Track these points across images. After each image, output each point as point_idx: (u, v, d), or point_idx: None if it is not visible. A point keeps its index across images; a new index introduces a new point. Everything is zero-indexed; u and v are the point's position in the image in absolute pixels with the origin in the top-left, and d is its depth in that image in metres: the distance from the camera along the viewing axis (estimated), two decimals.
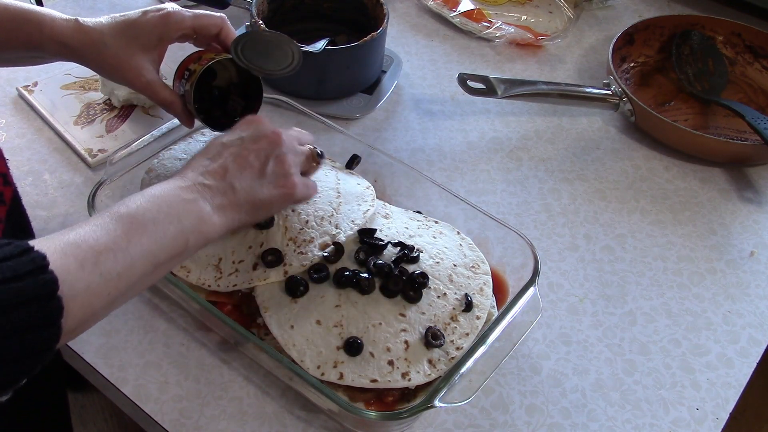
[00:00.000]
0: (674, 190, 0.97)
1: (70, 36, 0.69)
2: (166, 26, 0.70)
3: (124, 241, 0.52)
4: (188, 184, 0.60)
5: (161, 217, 0.56)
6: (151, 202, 0.57)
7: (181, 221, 0.57)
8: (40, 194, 0.87)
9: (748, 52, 1.16)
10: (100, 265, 0.50)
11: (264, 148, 0.64)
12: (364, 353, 0.64)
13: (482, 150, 1.00)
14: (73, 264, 0.48)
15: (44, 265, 0.46)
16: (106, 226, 0.52)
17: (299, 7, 1.09)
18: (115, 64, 0.70)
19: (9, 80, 1.01)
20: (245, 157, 0.63)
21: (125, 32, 0.69)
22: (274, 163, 0.64)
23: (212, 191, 0.60)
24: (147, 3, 1.18)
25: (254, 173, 0.63)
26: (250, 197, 0.62)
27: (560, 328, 0.80)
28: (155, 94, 0.72)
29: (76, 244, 0.50)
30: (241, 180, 0.62)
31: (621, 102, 1.02)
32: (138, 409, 0.69)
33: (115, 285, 0.51)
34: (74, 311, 0.47)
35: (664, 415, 0.73)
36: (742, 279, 0.87)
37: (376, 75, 1.06)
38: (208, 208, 0.59)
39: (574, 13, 1.23)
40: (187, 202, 0.58)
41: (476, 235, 0.78)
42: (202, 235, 0.59)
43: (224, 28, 0.73)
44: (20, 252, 0.46)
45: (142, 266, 0.54)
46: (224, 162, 0.62)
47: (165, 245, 0.56)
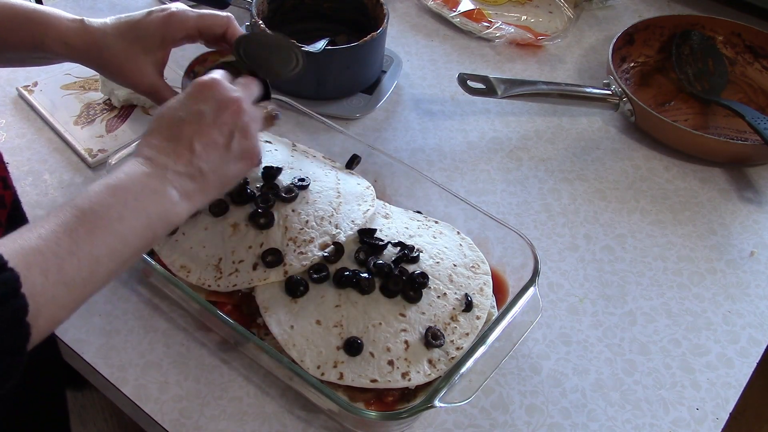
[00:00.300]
0: (674, 190, 0.97)
1: (74, 37, 0.68)
2: (169, 27, 0.69)
3: (88, 243, 0.50)
4: (154, 171, 0.57)
5: (127, 212, 0.53)
6: (116, 196, 0.54)
7: (149, 214, 0.55)
8: (40, 194, 0.87)
9: (748, 52, 1.16)
10: (64, 272, 0.48)
11: (227, 122, 0.60)
12: (364, 353, 0.64)
13: (482, 150, 1.00)
14: (37, 276, 0.46)
15: (16, 288, 0.44)
16: (68, 226, 0.50)
17: (299, 7, 1.09)
18: (117, 66, 0.69)
19: (9, 80, 1.01)
20: (209, 135, 0.59)
21: (128, 34, 0.68)
22: (240, 137, 0.61)
23: (180, 177, 0.57)
24: (147, 3, 1.18)
25: (220, 151, 0.60)
26: (219, 177, 0.60)
27: (560, 328, 0.80)
28: (157, 97, 0.71)
29: (39, 250, 0.47)
30: (208, 161, 0.59)
31: (621, 102, 1.02)
32: (138, 409, 0.69)
33: (81, 291, 0.49)
34: (40, 325, 0.46)
35: (664, 415, 0.73)
36: (742, 279, 0.87)
37: (376, 75, 1.06)
38: (176, 196, 0.57)
39: (574, 13, 1.23)
40: (154, 193, 0.56)
41: (476, 235, 0.78)
42: (169, 223, 0.57)
43: (230, 28, 0.71)
44: None
45: (108, 266, 0.51)
46: (189, 142, 0.58)
47: (131, 242, 0.53)
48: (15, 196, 0.65)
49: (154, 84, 0.70)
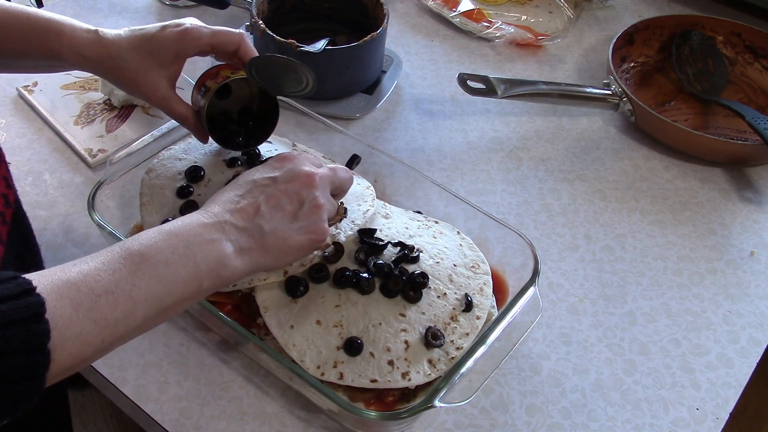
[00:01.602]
0: (674, 190, 0.97)
1: (88, 48, 0.68)
2: (182, 43, 0.69)
3: (128, 283, 0.49)
4: (212, 221, 0.56)
5: (175, 258, 0.52)
6: (167, 240, 0.53)
7: (197, 264, 0.53)
8: (40, 194, 0.87)
9: (748, 52, 1.16)
10: (96, 310, 0.47)
11: (297, 190, 0.60)
12: (364, 353, 0.64)
13: (482, 150, 1.00)
14: (67, 308, 0.45)
15: (40, 313, 0.43)
16: (112, 265, 0.49)
17: (299, 7, 1.09)
18: (130, 78, 0.69)
19: (9, 80, 1.01)
20: (278, 198, 0.59)
21: (142, 47, 0.69)
22: (309, 209, 0.60)
23: (238, 231, 0.57)
24: (147, 2, 1.18)
25: (286, 217, 0.59)
26: (279, 242, 0.58)
27: (560, 328, 0.80)
28: (169, 110, 0.72)
29: (76, 285, 0.47)
30: (271, 222, 0.58)
31: (621, 102, 1.02)
32: (138, 409, 0.69)
33: (111, 332, 0.48)
34: (62, 357, 0.45)
35: (664, 415, 0.73)
36: (742, 279, 0.87)
37: (376, 75, 1.06)
38: (230, 249, 0.56)
39: (574, 13, 1.23)
40: (207, 243, 0.54)
41: (476, 235, 0.78)
42: (220, 279, 0.55)
43: (242, 46, 0.71)
44: (19, 293, 0.43)
45: (145, 312, 0.50)
46: (255, 201, 0.59)
47: (174, 290, 0.52)
48: (16, 195, 0.66)
49: (166, 96, 0.71)
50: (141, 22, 1.14)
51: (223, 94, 0.74)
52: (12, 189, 0.64)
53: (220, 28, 0.71)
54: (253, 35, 1.01)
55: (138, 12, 1.16)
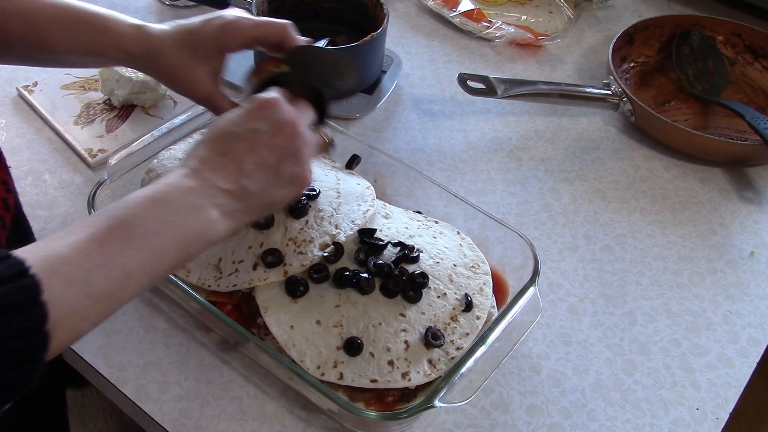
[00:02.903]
0: (674, 190, 0.97)
1: (132, 44, 0.67)
2: (225, 37, 0.66)
3: (120, 256, 0.48)
4: (198, 185, 0.55)
5: (164, 228, 0.51)
6: (154, 208, 0.52)
7: (187, 232, 0.53)
8: (40, 194, 0.87)
9: (748, 52, 1.16)
10: (90, 284, 0.46)
11: (281, 143, 0.58)
12: (364, 353, 0.64)
13: (482, 150, 1.00)
14: (60, 284, 0.45)
15: (36, 296, 0.43)
16: (100, 236, 0.48)
17: (299, 7, 1.09)
18: (172, 74, 0.68)
19: (9, 80, 1.01)
20: (261, 155, 0.57)
21: (184, 42, 0.66)
22: (292, 162, 0.58)
23: (224, 195, 0.55)
24: (147, 2, 1.18)
25: (270, 173, 0.57)
26: (264, 200, 0.58)
27: (560, 328, 0.80)
28: (214, 107, 0.69)
29: (67, 259, 0.46)
30: (256, 181, 0.57)
31: (621, 102, 1.02)
32: (138, 409, 0.69)
33: (106, 304, 0.48)
34: (60, 335, 0.44)
35: (664, 415, 0.73)
36: (742, 279, 0.87)
37: (376, 75, 1.06)
38: (216, 214, 0.55)
39: (574, 13, 1.23)
40: (195, 209, 0.53)
41: (476, 235, 0.78)
42: (206, 242, 0.55)
43: (287, 37, 0.67)
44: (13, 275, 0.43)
45: (137, 282, 0.50)
46: (238, 159, 0.56)
47: (165, 258, 0.52)
48: (17, 198, 0.65)
49: (210, 93, 0.68)
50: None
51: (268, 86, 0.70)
52: (12, 193, 0.63)
53: (264, 19, 0.67)
54: None
55: (138, 12, 1.16)
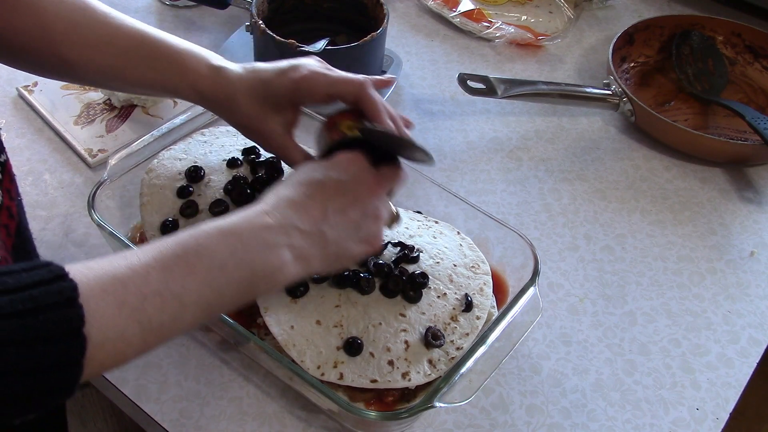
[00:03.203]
0: (674, 190, 0.97)
1: (207, 88, 0.66)
2: (299, 92, 0.65)
3: (179, 285, 0.47)
4: (277, 224, 0.53)
5: (232, 262, 0.50)
6: (226, 240, 0.50)
7: (254, 271, 0.51)
8: (40, 194, 0.87)
9: (748, 52, 1.16)
10: (141, 311, 0.45)
11: (362, 198, 0.58)
12: (364, 353, 0.64)
13: (482, 150, 1.00)
14: (111, 305, 0.43)
15: (73, 297, 0.41)
16: (164, 262, 0.47)
17: (299, 7, 1.09)
18: (246, 123, 0.67)
19: (9, 80, 1.01)
20: (344, 205, 0.57)
21: (258, 92, 0.65)
22: (371, 220, 0.58)
23: (302, 236, 0.54)
24: (147, 2, 1.18)
25: (350, 226, 0.57)
26: (339, 250, 0.57)
27: (560, 328, 0.80)
28: (287, 158, 0.69)
29: (123, 281, 0.44)
30: (335, 230, 0.56)
31: (621, 102, 1.02)
32: (138, 409, 0.69)
33: (155, 334, 0.46)
34: (100, 357, 0.43)
35: (664, 415, 0.73)
36: (742, 279, 0.87)
37: (376, 75, 1.06)
38: (289, 256, 0.53)
39: (574, 13, 1.23)
40: (268, 249, 0.52)
41: (476, 235, 0.78)
42: (273, 283, 0.53)
43: (362, 96, 0.64)
44: (51, 279, 0.41)
45: (193, 316, 0.48)
46: (322, 204, 0.56)
47: (226, 295, 0.50)
48: (20, 206, 0.65)
49: (283, 144, 0.67)
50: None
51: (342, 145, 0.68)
52: (15, 201, 0.63)
53: (339, 77, 0.65)
54: (253, 35, 1.01)
55: (138, 12, 1.16)
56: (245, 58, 1.06)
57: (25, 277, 0.41)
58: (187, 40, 0.70)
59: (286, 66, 0.66)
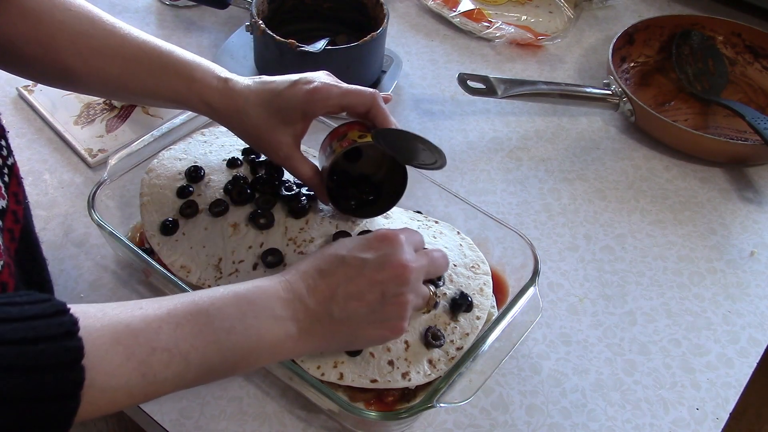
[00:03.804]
0: (674, 190, 0.97)
1: (216, 99, 0.66)
2: (310, 104, 0.65)
3: (187, 344, 0.48)
4: (288, 297, 0.55)
5: (240, 328, 0.51)
6: (237, 305, 0.52)
7: (260, 339, 0.52)
8: (40, 194, 0.87)
9: (748, 52, 1.16)
10: (147, 365, 0.46)
11: (384, 281, 0.57)
12: (364, 353, 0.64)
13: (482, 150, 1.00)
14: (119, 355, 0.44)
15: (73, 331, 0.42)
16: (177, 318, 0.48)
17: (299, 7, 1.09)
18: (254, 135, 0.67)
19: (9, 80, 1.01)
20: (359, 286, 0.56)
21: (269, 103, 0.65)
22: (393, 305, 0.57)
23: (306, 313, 0.55)
24: (147, 2, 1.18)
25: (362, 307, 0.56)
26: (348, 331, 0.57)
27: (560, 328, 0.80)
28: (293, 169, 0.69)
29: (135, 333, 0.46)
30: (344, 310, 0.56)
31: (621, 102, 1.02)
32: (138, 409, 0.69)
33: (156, 388, 0.47)
34: (100, 402, 0.44)
35: (664, 415, 0.73)
36: (742, 279, 0.87)
37: (376, 75, 1.06)
38: (294, 330, 0.54)
39: (574, 13, 1.23)
40: (275, 320, 0.53)
41: (476, 235, 0.78)
42: (276, 356, 0.55)
43: (374, 107, 0.65)
44: (53, 313, 0.43)
45: (195, 375, 0.49)
46: (334, 283, 0.56)
47: (230, 359, 0.51)
48: (27, 209, 0.65)
49: (289, 156, 0.67)
50: (141, 22, 1.14)
51: (350, 156, 0.70)
52: (21, 204, 0.63)
53: (351, 88, 0.66)
54: (253, 35, 1.01)
55: (138, 12, 1.16)
56: (245, 58, 1.06)
57: (29, 309, 0.42)
58: (187, 40, 0.70)
59: (296, 78, 0.66)
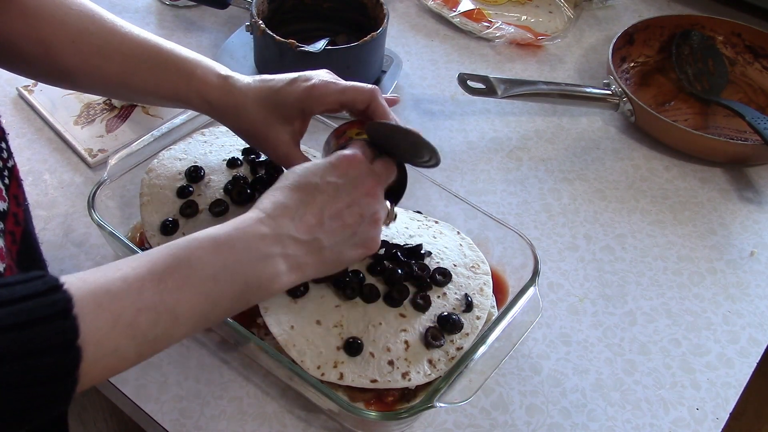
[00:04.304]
0: (674, 190, 0.97)
1: (216, 96, 0.66)
2: (309, 101, 0.64)
3: (173, 298, 0.47)
4: (272, 233, 0.53)
5: (225, 274, 0.50)
6: (219, 252, 0.50)
7: (248, 282, 0.52)
8: (40, 194, 0.87)
9: (748, 52, 1.16)
10: (135, 326, 0.45)
11: (359, 202, 0.57)
12: (364, 353, 0.64)
13: (482, 150, 1.00)
14: (105, 321, 0.44)
15: (67, 309, 0.42)
16: (157, 273, 0.47)
17: (299, 7, 1.09)
18: (253, 132, 0.67)
19: (9, 80, 1.01)
20: (340, 211, 0.56)
21: (267, 100, 0.65)
22: (368, 224, 0.58)
23: (297, 245, 0.54)
24: (147, 2, 1.18)
25: (346, 231, 0.57)
26: (335, 257, 0.57)
27: (560, 328, 0.80)
28: (291, 167, 0.67)
29: (118, 295, 0.45)
30: (331, 237, 0.56)
31: (621, 102, 1.02)
32: (138, 409, 0.69)
33: (148, 347, 0.47)
34: (94, 373, 0.44)
35: (664, 415, 0.73)
36: (742, 279, 0.87)
37: (376, 75, 1.06)
38: (283, 266, 0.54)
39: (574, 13, 1.23)
40: (262, 259, 0.52)
41: (476, 235, 0.78)
42: (267, 293, 0.54)
43: (373, 103, 0.65)
44: (45, 291, 0.42)
45: (186, 328, 0.49)
46: (318, 211, 0.56)
47: (220, 306, 0.50)
48: (27, 212, 0.65)
49: (289, 154, 0.67)
50: (141, 22, 1.14)
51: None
52: (21, 207, 0.62)
53: (350, 84, 0.65)
54: (253, 35, 1.01)
55: (138, 12, 1.16)
56: (245, 58, 1.06)
57: (20, 289, 0.42)
58: (187, 40, 0.70)
59: (296, 75, 0.66)
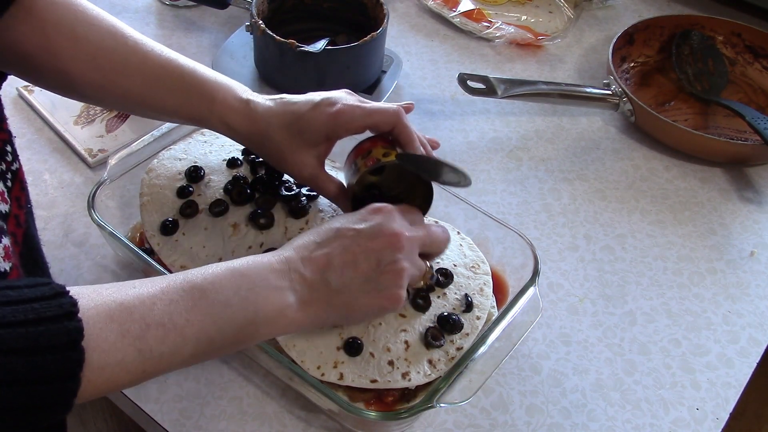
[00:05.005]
0: (674, 190, 0.97)
1: (237, 121, 0.66)
2: (334, 126, 0.64)
3: (182, 318, 0.48)
4: (282, 267, 0.55)
5: (236, 300, 0.51)
6: (232, 279, 0.52)
7: (257, 310, 0.53)
8: (40, 194, 0.87)
9: (748, 52, 1.16)
10: (143, 340, 0.46)
11: (377, 249, 0.57)
12: (364, 353, 0.64)
13: (482, 150, 1.00)
14: (114, 332, 0.45)
15: (73, 312, 0.43)
16: (170, 294, 0.49)
17: (299, 7, 1.09)
18: (278, 157, 0.67)
19: (9, 80, 1.00)
20: (354, 254, 0.57)
21: (291, 126, 0.65)
22: (388, 273, 0.58)
23: (303, 282, 0.56)
24: (147, 2, 1.18)
25: (358, 275, 0.57)
26: (345, 300, 0.57)
27: (560, 328, 0.80)
28: (318, 188, 0.68)
29: (129, 309, 0.46)
30: (340, 279, 0.56)
31: (621, 102, 1.02)
32: (138, 409, 0.69)
33: (154, 364, 0.47)
34: (98, 381, 0.44)
35: (664, 415, 0.73)
36: (742, 279, 0.87)
37: (376, 75, 1.06)
38: (292, 300, 0.55)
39: (574, 13, 1.23)
40: (271, 290, 0.54)
41: (476, 235, 0.78)
42: (277, 328, 0.55)
43: (398, 125, 0.64)
44: (53, 295, 0.43)
45: (193, 349, 0.49)
46: (330, 252, 0.57)
47: (228, 332, 0.51)
48: (29, 214, 0.65)
49: (314, 175, 0.67)
50: (141, 22, 1.14)
51: (374, 171, 0.69)
52: (24, 209, 0.62)
53: (375, 107, 0.64)
54: (253, 35, 1.01)
55: (138, 12, 1.16)
56: (245, 58, 1.06)
57: (27, 291, 0.43)
58: (187, 40, 0.69)
59: (319, 99, 0.65)
